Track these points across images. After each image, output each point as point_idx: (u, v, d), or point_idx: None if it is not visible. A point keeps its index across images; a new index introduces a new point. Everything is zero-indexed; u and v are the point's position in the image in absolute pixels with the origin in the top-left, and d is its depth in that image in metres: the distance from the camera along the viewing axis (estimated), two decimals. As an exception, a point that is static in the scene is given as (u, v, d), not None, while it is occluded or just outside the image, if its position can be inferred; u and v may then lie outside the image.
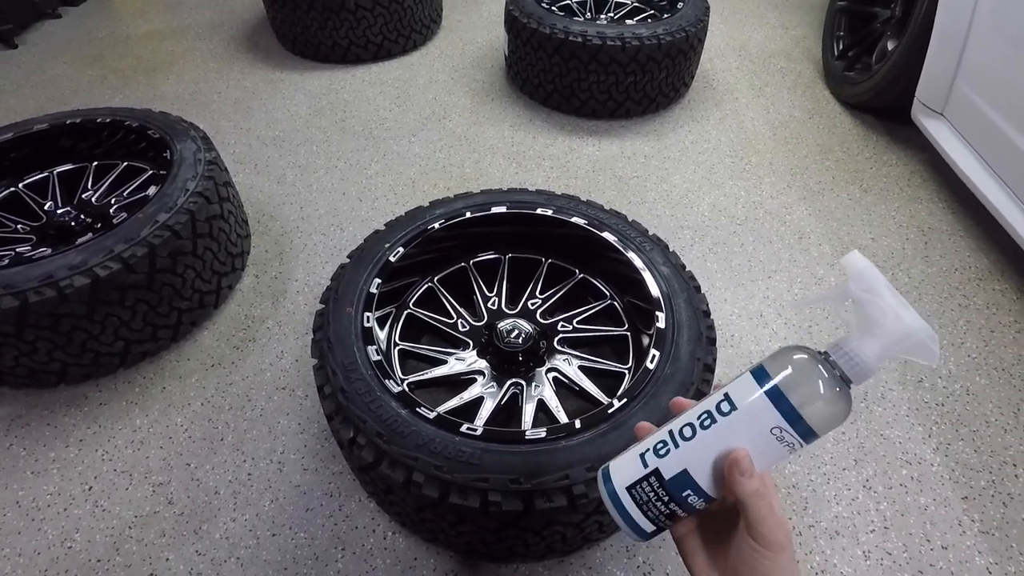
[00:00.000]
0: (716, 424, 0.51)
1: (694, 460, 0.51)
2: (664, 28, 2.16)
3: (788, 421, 0.49)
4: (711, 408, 0.52)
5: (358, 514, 1.25)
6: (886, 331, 0.49)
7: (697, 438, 0.52)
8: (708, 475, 0.51)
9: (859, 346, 0.50)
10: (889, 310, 0.49)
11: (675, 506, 0.52)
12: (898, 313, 0.49)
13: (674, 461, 0.52)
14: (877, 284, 0.51)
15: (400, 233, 1.35)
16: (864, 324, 0.50)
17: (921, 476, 1.31)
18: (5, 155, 1.66)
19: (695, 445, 0.52)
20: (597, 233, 1.37)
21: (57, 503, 1.27)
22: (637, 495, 0.53)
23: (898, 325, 0.49)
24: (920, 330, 0.49)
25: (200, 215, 1.46)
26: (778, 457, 0.52)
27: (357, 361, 1.09)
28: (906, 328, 0.49)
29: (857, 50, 2.45)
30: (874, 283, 0.51)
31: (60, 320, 1.28)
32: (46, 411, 1.43)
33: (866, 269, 0.52)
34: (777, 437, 0.50)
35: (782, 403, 0.50)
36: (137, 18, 3.22)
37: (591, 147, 2.26)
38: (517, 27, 2.30)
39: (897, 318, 0.49)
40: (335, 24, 2.59)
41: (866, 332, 0.50)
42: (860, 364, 0.50)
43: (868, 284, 0.51)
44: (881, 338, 0.49)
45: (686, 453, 0.52)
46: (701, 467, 0.51)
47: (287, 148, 2.27)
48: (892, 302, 0.50)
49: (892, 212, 1.96)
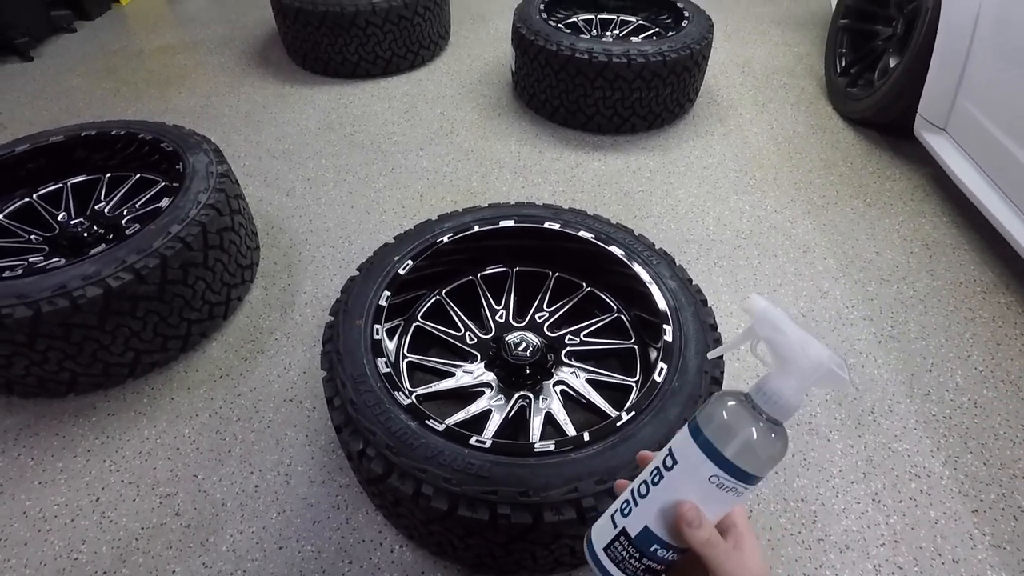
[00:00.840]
0: (664, 479, 0.53)
1: (652, 516, 0.53)
2: (669, 45, 2.19)
3: (723, 469, 0.51)
4: (659, 464, 0.54)
5: (365, 527, 1.25)
6: (796, 366, 0.50)
7: (651, 494, 0.54)
8: (667, 529, 0.53)
9: (777, 385, 0.50)
10: (795, 346, 0.50)
11: (648, 561, 0.54)
12: (804, 348, 0.50)
13: (636, 519, 0.54)
14: (780, 322, 0.52)
15: (409, 246, 1.37)
16: (777, 363, 0.51)
17: (930, 489, 1.31)
18: (21, 166, 1.69)
19: (650, 501, 0.54)
20: (604, 247, 1.38)
21: (64, 514, 1.28)
22: (613, 554, 0.55)
23: (805, 360, 0.50)
24: (827, 360, 0.50)
25: (211, 227, 1.47)
26: (726, 503, 0.53)
27: (367, 373, 1.10)
28: (813, 361, 0.50)
29: (859, 67, 2.48)
30: (777, 322, 0.52)
31: (72, 330, 1.29)
32: (55, 421, 1.44)
33: (766, 310, 0.53)
34: (717, 485, 0.51)
35: (712, 452, 0.51)
36: (150, 33, 3.27)
37: (597, 162, 2.28)
38: (524, 44, 2.34)
39: (803, 353, 0.50)
40: (345, 40, 2.63)
41: (780, 370, 0.51)
42: (781, 402, 0.50)
43: (772, 323, 0.52)
44: (794, 374, 0.50)
45: (644, 510, 0.54)
46: (659, 522, 0.53)
47: (297, 161, 2.29)
48: (797, 338, 0.51)
49: (896, 226, 1.97)
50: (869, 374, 1.53)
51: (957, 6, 1.82)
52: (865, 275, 1.80)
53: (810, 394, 1.48)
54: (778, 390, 0.50)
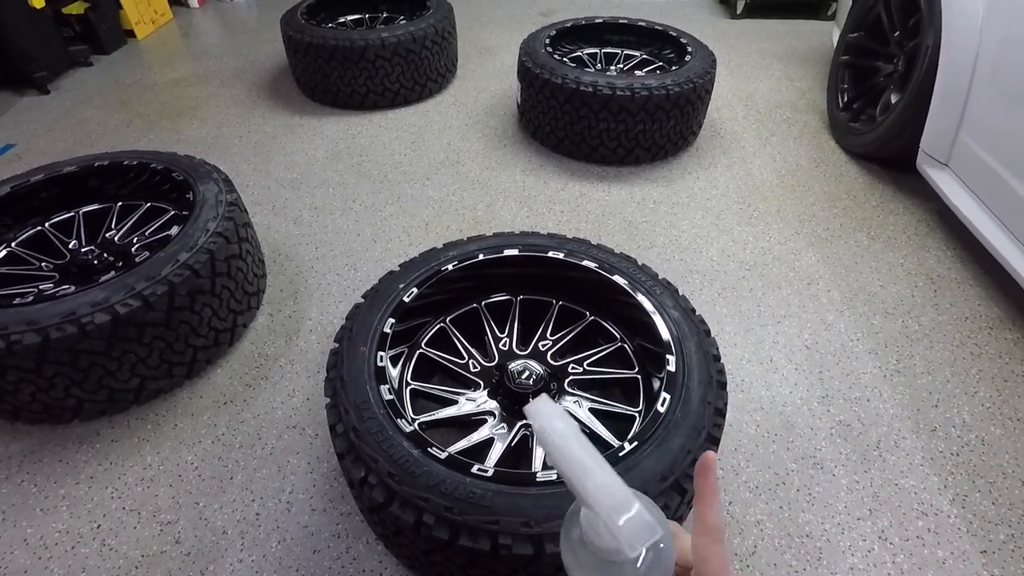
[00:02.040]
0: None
1: None
2: (672, 79, 2.24)
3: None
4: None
5: (366, 556, 1.24)
6: (593, 505, 0.41)
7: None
8: None
9: (592, 531, 0.41)
10: (575, 478, 0.41)
11: None
12: (584, 481, 0.41)
13: None
14: (565, 455, 0.42)
15: (414, 274, 1.38)
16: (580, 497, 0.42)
17: (938, 528, 1.28)
18: (35, 196, 1.72)
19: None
20: (608, 276, 1.39)
21: (65, 541, 1.27)
22: None
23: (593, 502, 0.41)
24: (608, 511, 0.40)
25: (219, 255, 1.49)
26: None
27: (370, 400, 1.10)
28: (601, 512, 0.40)
29: (861, 102, 2.52)
30: (559, 441, 0.42)
31: (79, 356, 1.30)
32: (58, 447, 1.44)
33: (549, 427, 0.43)
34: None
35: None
36: (164, 66, 3.36)
37: (601, 192, 2.30)
38: (530, 77, 2.39)
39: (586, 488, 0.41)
40: (354, 73, 2.70)
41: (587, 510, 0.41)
42: (611, 548, 0.40)
43: (557, 452, 0.43)
44: (598, 523, 0.41)
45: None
46: None
47: (304, 190, 2.33)
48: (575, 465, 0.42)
49: (900, 260, 1.98)
50: (874, 408, 1.52)
51: (957, 44, 1.86)
52: (870, 308, 1.80)
53: (814, 428, 1.48)
54: (597, 540, 0.41)
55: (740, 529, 1.28)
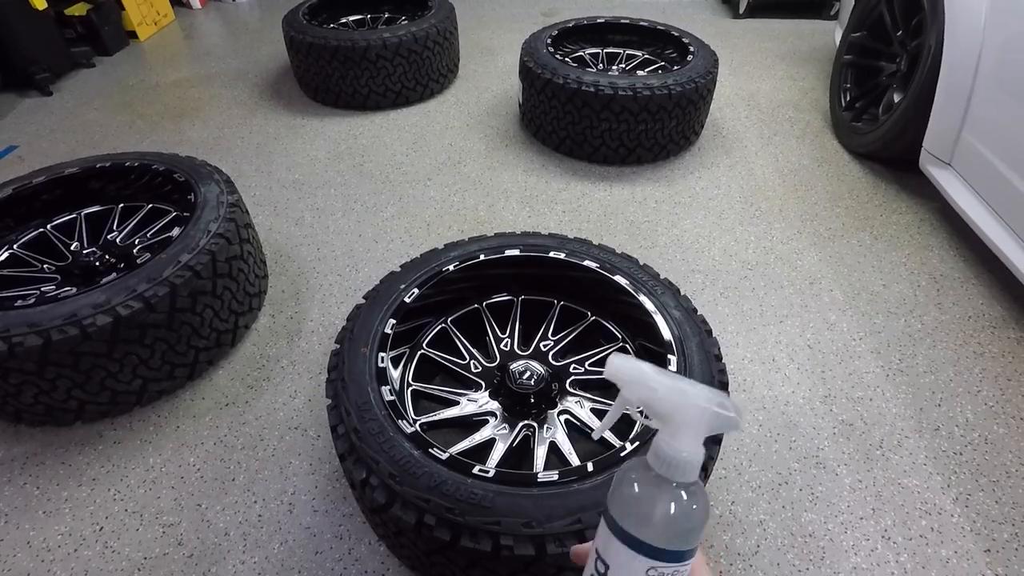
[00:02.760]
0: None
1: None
2: (674, 79, 2.23)
3: (658, 559, 0.46)
4: (592, 572, 0.49)
5: (368, 558, 1.24)
6: (680, 421, 0.46)
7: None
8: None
9: (670, 446, 0.46)
10: (669, 401, 0.46)
11: None
12: (680, 400, 0.46)
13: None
14: (647, 380, 0.48)
15: (415, 275, 1.38)
16: (662, 423, 0.47)
17: (941, 527, 1.28)
18: (37, 197, 1.73)
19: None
20: (609, 276, 1.39)
21: (67, 544, 1.27)
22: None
23: (684, 412, 0.46)
24: (707, 405, 0.46)
25: (221, 256, 1.49)
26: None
27: (371, 401, 1.10)
28: (694, 411, 0.46)
29: (864, 102, 2.51)
30: (643, 380, 0.48)
31: (81, 358, 1.30)
32: (61, 449, 1.45)
33: (630, 371, 0.49)
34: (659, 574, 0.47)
35: (640, 546, 0.46)
36: (166, 67, 3.37)
37: (603, 192, 2.30)
38: (532, 77, 2.39)
39: (682, 405, 0.46)
40: (356, 73, 2.70)
41: (667, 429, 0.47)
42: (682, 463, 0.46)
43: (638, 385, 0.48)
44: (680, 429, 0.46)
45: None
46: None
47: (306, 191, 2.33)
48: (668, 390, 0.47)
49: (903, 259, 1.97)
50: (877, 408, 1.52)
51: (960, 43, 1.85)
52: (872, 308, 1.80)
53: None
54: (674, 451, 0.46)
55: (743, 529, 1.28)
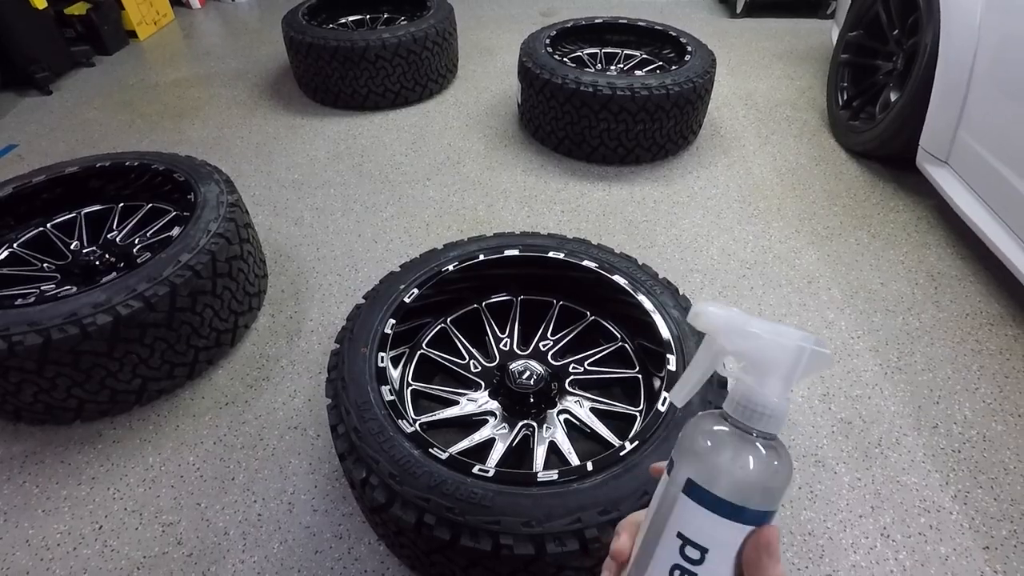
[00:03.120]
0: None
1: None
2: (672, 79, 2.24)
3: (754, 523, 0.43)
4: (679, 563, 0.43)
5: (367, 557, 1.24)
6: (778, 365, 0.43)
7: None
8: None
9: (761, 394, 0.43)
10: (772, 344, 0.43)
11: None
12: (780, 343, 0.43)
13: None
14: (747, 325, 0.44)
15: (415, 275, 1.38)
16: (755, 369, 0.44)
17: (940, 525, 1.28)
18: (37, 196, 1.73)
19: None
20: (608, 276, 1.39)
21: (67, 542, 1.27)
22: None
23: (786, 354, 0.43)
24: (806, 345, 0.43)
25: (221, 255, 1.50)
26: None
27: (371, 401, 1.10)
28: (794, 353, 0.43)
29: (861, 100, 2.52)
30: (743, 326, 0.44)
31: (81, 357, 1.30)
32: (60, 448, 1.45)
33: (728, 317, 0.45)
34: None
35: (742, 514, 0.42)
36: (166, 67, 3.37)
37: (601, 192, 2.31)
38: (530, 77, 2.39)
39: (782, 348, 0.43)
40: (355, 73, 2.70)
41: (760, 376, 0.43)
42: (772, 412, 0.43)
43: (739, 331, 0.44)
44: (775, 374, 0.43)
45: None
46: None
47: (305, 191, 2.33)
48: (770, 334, 0.43)
49: (901, 257, 1.98)
50: (876, 406, 1.52)
51: (955, 42, 1.85)
52: (870, 306, 1.80)
53: (816, 421, 1.48)
54: (764, 399, 0.42)
55: (741, 528, 1.28)
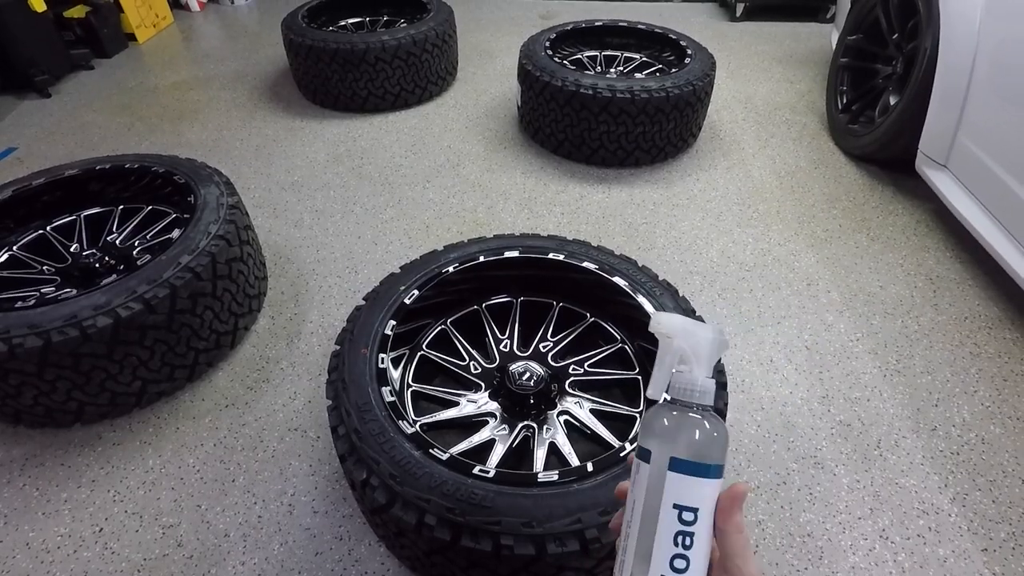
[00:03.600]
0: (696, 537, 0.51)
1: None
2: (672, 82, 2.24)
3: (719, 476, 0.53)
4: (679, 528, 0.51)
5: (368, 558, 1.24)
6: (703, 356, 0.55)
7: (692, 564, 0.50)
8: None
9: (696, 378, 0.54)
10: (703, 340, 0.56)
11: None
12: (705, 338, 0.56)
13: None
14: (689, 325, 0.56)
15: (415, 276, 1.39)
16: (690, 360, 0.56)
17: (939, 527, 1.29)
18: (37, 199, 1.73)
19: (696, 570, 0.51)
20: (608, 278, 1.39)
21: (67, 545, 1.27)
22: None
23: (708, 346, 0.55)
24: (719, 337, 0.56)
25: (221, 258, 1.50)
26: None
27: (371, 402, 1.11)
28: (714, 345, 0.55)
29: (860, 104, 2.52)
30: (688, 328, 0.56)
31: (81, 359, 1.30)
32: (60, 451, 1.45)
33: (682, 324, 0.56)
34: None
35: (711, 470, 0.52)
36: (165, 69, 3.37)
37: (601, 194, 2.31)
38: (530, 80, 2.40)
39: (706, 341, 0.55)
40: (355, 76, 2.71)
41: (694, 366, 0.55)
42: (708, 390, 0.54)
43: (688, 333, 0.56)
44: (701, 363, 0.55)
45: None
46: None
47: (305, 193, 2.34)
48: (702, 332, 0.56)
49: (900, 260, 1.98)
50: (875, 408, 1.53)
51: (955, 47, 1.86)
52: (869, 309, 1.81)
53: (816, 425, 1.48)
54: (702, 382, 0.54)
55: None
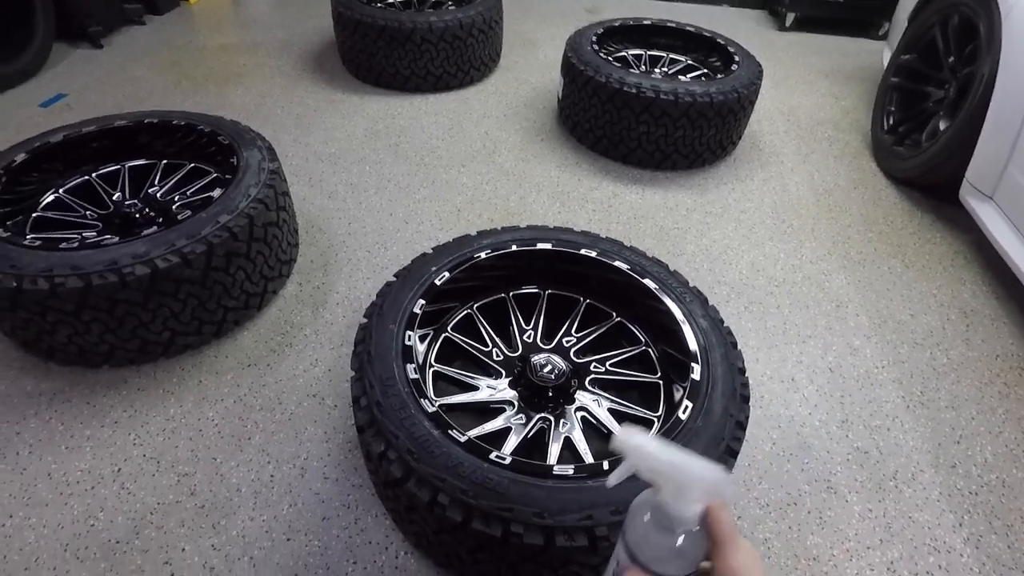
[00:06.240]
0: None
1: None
2: (717, 87, 2.22)
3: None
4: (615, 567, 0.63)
5: (373, 529, 1.26)
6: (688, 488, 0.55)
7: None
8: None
9: (674, 506, 0.55)
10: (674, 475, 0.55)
11: None
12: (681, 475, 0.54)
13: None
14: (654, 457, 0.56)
15: (447, 258, 1.39)
16: (667, 487, 0.56)
17: (949, 566, 1.27)
18: (86, 145, 1.76)
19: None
20: (639, 279, 1.39)
21: (86, 480, 1.31)
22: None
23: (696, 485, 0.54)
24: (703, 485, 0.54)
25: (258, 220, 1.52)
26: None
27: (395, 377, 1.12)
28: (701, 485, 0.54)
29: (907, 126, 2.47)
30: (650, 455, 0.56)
31: (117, 305, 1.34)
32: (87, 390, 1.48)
33: (638, 446, 0.57)
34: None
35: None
36: (214, 31, 3.41)
37: (634, 195, 2.30)
38: (574, 73, 2.38)
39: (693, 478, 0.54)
40: (399, 54, 2.71)
41: (673, 493, 0.55)
42: (681, 519, 0.55)
43: (646, 458, 0.56)
44: (686, 497, 0.55)
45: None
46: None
47: (341, 165, 2.36)
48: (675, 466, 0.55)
49: (933, 290, 1.95)
50: (894, 438, 1.50)
51: (1014, 75, 1.81)
52: (898, 336, 1.78)
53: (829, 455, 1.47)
54: (673, 510, 0.55)
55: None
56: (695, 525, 0.56)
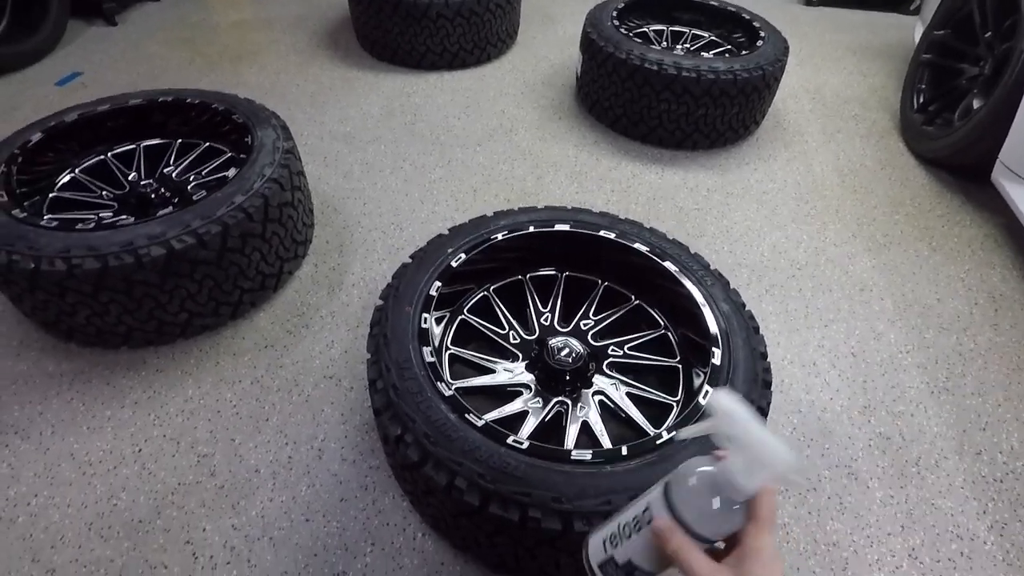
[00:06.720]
0: (643, 530, 0.63)
1: (635, 552, 0.64)
2: (741, 64, 2.15)
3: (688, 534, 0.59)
4: (639, 515, 0.64)
5: (391, 511, 1.26)
6: (758, 464, 0.55)
7: (633, 537, 0.64)
8: (648, 562, 0.64)
9: (737, 474, 0.56)
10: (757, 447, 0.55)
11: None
12: (764, 450, 0.55)
13: (623, 552, 0.65)
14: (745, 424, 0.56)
15: (463, 240, 1.37)
16: (740, 457, 0.56)
17: (972, 553, 1.25)
18: (101, 124, 1.76)
19: (633, 542, 0.64)
20: (659, 261, 1.36)
21: (108, 460, 1.33)
22: (605, 572, 0.67)
23: (763, 463, 0.55)
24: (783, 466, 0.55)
25: (273, 201, 1.51)
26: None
27: (412, 360, 1.11)
28: (771, 466, 0.55)
29: (938, 105, 2.39)
30: (740, 423, 0.56)
31: (134, 286, 1.34)
32: (107, 371, 1.50)
33: (732, 411, 0.57)
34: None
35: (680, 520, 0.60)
36: (228, 8, 3.38)
37: (654, 175, 2.25)
38: (593, 49, 2.33)
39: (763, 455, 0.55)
40: (415, 31, 2.67)
41: (742, 463, 0.56)
42: (738, 489, 0.56)
43: (734, 424, 0.57)
44: (756, 473, 0.56)
45: (629, 547, 0.64)
46: (641, 556, 0.64)
47: (356, 145, 2.33)
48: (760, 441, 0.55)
49: (961, 274, 1.90)
50: (918, 424, 1.48)
51: (1054, 51, 1.74)
52: (923, 321, 1.74)
53: (851, 441, 1.44)
54: (738, 480, 0.56)
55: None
56: (745, 499, 0.57)
